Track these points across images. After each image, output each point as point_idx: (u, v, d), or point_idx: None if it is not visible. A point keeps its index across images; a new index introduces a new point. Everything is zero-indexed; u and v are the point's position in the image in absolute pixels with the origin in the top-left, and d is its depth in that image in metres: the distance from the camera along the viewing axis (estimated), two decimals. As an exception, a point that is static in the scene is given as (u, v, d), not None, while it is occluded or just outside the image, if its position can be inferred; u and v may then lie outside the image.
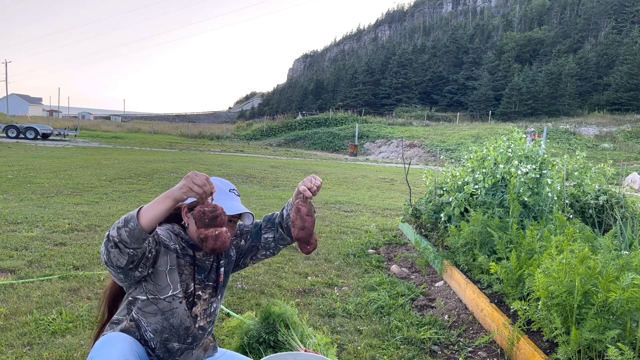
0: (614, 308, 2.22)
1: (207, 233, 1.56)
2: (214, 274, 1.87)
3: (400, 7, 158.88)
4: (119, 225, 1.50)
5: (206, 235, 1.56)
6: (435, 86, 72.17)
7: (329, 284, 4.05)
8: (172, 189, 1.53)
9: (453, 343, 2.98)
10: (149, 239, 1.56)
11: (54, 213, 6.17)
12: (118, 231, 1.49)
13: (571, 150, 26.07)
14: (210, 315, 1.88)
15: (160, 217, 1.52)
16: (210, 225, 1.56)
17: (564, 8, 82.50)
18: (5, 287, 3.44)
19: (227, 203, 1.76)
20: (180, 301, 1.74)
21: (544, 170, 4.31)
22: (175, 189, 1.52)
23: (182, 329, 1.77)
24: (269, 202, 8.43)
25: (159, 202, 1.51)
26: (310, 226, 1.75)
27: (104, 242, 1.54)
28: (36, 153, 16.36)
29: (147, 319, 1.73)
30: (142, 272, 1.62)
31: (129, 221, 1.49)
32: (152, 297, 1.71)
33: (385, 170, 19.82)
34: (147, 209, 1.51)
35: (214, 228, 1.56)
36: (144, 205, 1.54)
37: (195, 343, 1.85)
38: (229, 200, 1.78)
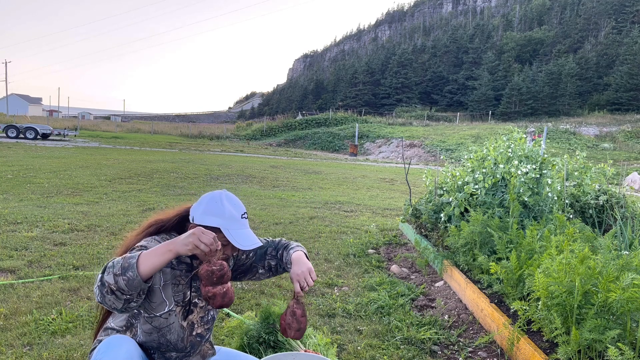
0: (614, 308, 2.22)
1: (215, 291, 1.57)
2: None
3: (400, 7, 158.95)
4: (116, 272, 1.45)
5: (214, 294, 1.57)
6: (435, 86, 72.18)
7: (329, 284, 4.05)
8: (176, 243, 1.51)
9: (453, 343, 2.98)
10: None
11: (53, 213, 6.17)
12: (115, 278, 1.45)
13: (571, 150, 26.07)
14: (207, 322, 1.87)
15: (160, 268, 1.50)
16: (218, 284, 1.57)
17: (564, 8, 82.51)
18: (5, 287, 3.44)
19: (242, 233, 1.72)
20: (176, 314, 1.73)
21: (544, 170, 4.31)
22: (180, 243, 1.50)
23: (179, 341, 1.76)
24: (268, 202, 8.43)
25: (160, 254, 1.49)
26: (305, 326, 1.80)
27: (97, 286, 1.48)
28: (36, 153, 16.35)
29: (144, 338, 1.71)
30: (138, 302, 1.56)
31: (126, 269, 1.45)
32: (147, 316, 1.70)
33: (385, 170, 19.82)
34: (146, 259, 1.48)
35: (222, 285, 1.58)
36: (141, 252, 1.50)
37: (193, 350, 1.84)
38: (242, 229, 1.73)
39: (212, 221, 1.68)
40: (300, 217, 7.10)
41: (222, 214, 1.69)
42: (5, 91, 77.19)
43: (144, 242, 1.67)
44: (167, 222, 1.79)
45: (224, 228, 1.68)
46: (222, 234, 1.68)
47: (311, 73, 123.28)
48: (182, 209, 1.82)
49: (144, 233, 1.77)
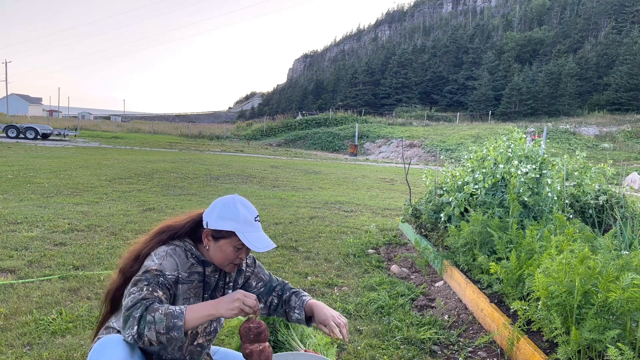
0: (614, 308, 2.22)
1: (252, 348, 1.62)
2: (219, 293, 1.86)
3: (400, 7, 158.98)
4: (159, 330, 1.48)
5: (251, 351, 1.62)
6: (435, 86, 72.18)
7: (329, 284, 4.05)
8: (220, 307, 1.55)
9: (453, 343, 2.98)
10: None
11: (54, 213, 6.17)
12: (157, 336, 1.48)
13: (571, 150, 26.07)
14: (210, 333, 1.87)
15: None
16: (255, 341, 1.62)
17: (564, 8, 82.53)
18: (5, 287, 3.44)
19: (256, 236, 1.73)
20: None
21: (544, 170, 4.31)
22: (224, 308, 1.54)
23: (178, 350, 1.77)
24: (269, 202, 8.43)
25: (204, 317, 1.54)
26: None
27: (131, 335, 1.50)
28: (36, 153, 16.35)
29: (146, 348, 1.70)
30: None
31: (171, 329, 1.48)
32: None
33: (385, 170, 19.82)
34: (191, 321, 1.52)
35: (259, 343, 1.63)
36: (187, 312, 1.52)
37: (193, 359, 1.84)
38: (255, 232, 1.74)
39: (227, 225, 1.70)
40: (300, 217, 7.10)
41: (236, 218, 1.71)
42: (5, 91, 77.25)
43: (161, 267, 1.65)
44: (180, 229, 1.79)
45: (238, 231, 1.69)
46: (236, 237, 1.70)
47: (311, 73, 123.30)
48: (193, 214, 1.83)
49: (155, 240, 1.77)
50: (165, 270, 1.66)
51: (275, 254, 4.91)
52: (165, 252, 1.71)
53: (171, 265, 1.68)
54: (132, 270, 1.73)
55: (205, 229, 1.74)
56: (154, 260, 1.68)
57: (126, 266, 1.76)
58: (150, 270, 1.64)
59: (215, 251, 1.74)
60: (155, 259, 1.68)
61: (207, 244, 1.76)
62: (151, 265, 1.65)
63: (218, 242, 1.73)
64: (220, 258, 1.75)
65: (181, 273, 1.70)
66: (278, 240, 5.51)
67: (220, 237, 1.72)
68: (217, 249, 1.74)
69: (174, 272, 1.68)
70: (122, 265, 1.79)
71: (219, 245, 1.73)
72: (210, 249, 1.75)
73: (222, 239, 1.73)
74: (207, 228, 1.73)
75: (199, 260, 1.77)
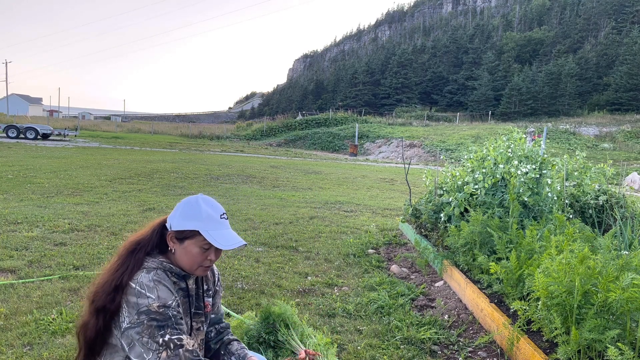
0: (614, 308, 2.22)
1: None
2: (201, 302, 1.80)
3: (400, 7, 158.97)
4: None
5: None
6: (435, 86, 72.18)
7: (329, 284, 4.05)
8: None
9: (453, 343, 2.98)
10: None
11: (54, 213, 6.17)
12: None
13: (571, 150, 26.06)
14: (202, 341, 1.83)
15: None
16: None
17: (564, 8, 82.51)
18: (5, 287, 3.44)
19: (222, 234, 1.66)
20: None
21: (543, 170, 4.31)
22: None
23: None
24: (268, 202, 8.43)
25: None
26: None
27: None
28: (36, 153, 16.35)
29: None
30: None
31: None
32: None
33: (385, 170, 19.82)
34: None
35: None
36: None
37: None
38: (221, 229, 1.67)
39: (190, 225, 1.63)
40: (300, 217, 7.10)
41: (198, 217, 1.64)
42: (5, 91, 77.21)
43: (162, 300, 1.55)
44: (149, 242, 1.69)
45: (202, 230, 1.62)
46: (201, 236, 1.62)
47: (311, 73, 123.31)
48: (155, 222, 1.75)
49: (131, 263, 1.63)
50: (167, 300, 1.56)
51: (275, 254, 4.91)
52: (151, 280, 1.58)
53: (167, 293, 1.58)
54: (113, 304, 1.56)
55: (169, 232, 1.66)
56: (147, 295, 1.54)
57: (105, 301, 1.58)
58: (150, 309, 1.53)
59: (181, 254, 1.66)
60: (148, 293, 1.55)
61: (172, 247, 1.67)
62: (150, 303, 1.53)
63: (183, 244, 1.65)
64: (187, 261, 1.66)
65: (175, 296, 1.62)
66: (278, 240, 5.51)
67: (184, 237, 1.64)
68: (183, 251, 1.65)
69: (172, 297, 1.59)
70: (92, 295, 1.61)
71: (185, 247, 1.65)
72: (177, 252, 1.66)
73: (186, 240, 1.64)
74: (170, 230, 1.66)
75: (179, 276, 1.68)
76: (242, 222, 6.43)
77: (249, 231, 5.90)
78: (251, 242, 5.33)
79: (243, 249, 4.97)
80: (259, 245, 5.22)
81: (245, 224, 6.36)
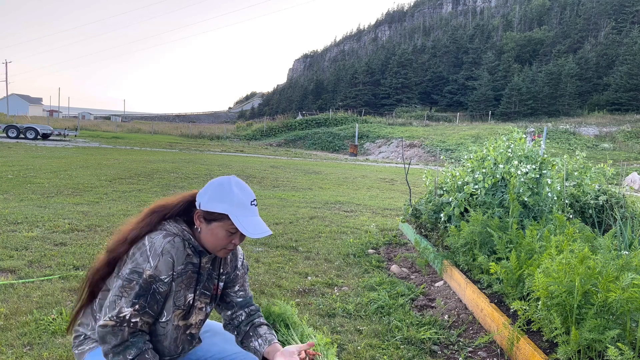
0: (614, 308, 2.22)
1: None
2: (211, 284, 1.79)
3: (400, 7, 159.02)
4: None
5: None
6: (435, 86, 72.19)
7: (329, 284, 4.05)
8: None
9: (453, 343, 2.98)
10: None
11: (54, 213, 6.17)
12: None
13: (571, 150, 26.07)
14: (202, 321, 1.83)
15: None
16: None
17: (564, 8, 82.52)
18: (5, 287, 3.44)
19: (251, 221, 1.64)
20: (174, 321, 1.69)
21: (543, 170, 4.31)
22: None
23: (172, 342, 1.72)
24: (269, 202, 8.43)
25: None
26: None
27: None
28: (36, 153, 16.35)
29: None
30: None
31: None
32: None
33: (385, 170, 19.82)
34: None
35: None
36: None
37: (184, 351, 1.80)
38: (250, 216, 1.65)
39: (219, 207, 1.61)
40: (300, 217, 7.10)
41: (230, 200, 1.61)
42: (5, 91, 77.16)
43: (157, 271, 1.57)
44: (172, 209, 1.70)
45: (232, 215, 1.60)
46: (229, 220, 1.61)
47: (311, 73, 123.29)
48: (187, 194, 1.74)
49: (145, 221, 1.67)
50: (161, 274, 1.57)
51: (275, 254, 4.92)
52: (163, 248, 1.58)
53: (167, 266, 1.58)
54: (120, 251, 1.64)
55: (197, 210, 1.65)
56: (149, 260, 1.56)
57: (114, 247, 1.66)
58: (142, 274, 1.55)
59: (207, 234, 1.66)
60: (151, 258, 1.56)
61: (198, 225, 1.67)
62: (145, 268, 1.55)
63: (210, 225, 1.64)
64: (212, 242, 1.66)
65: (176, 269, 1.61)
66: (278, 240, 5.51)
67: (213, 219, 1.63)
68: (209, 232, 1.65)
69: (169, 272, 1.59)
70: (110, 245, 1.68)
71: (211, 228, 1.64)
72: (202, 231, 1.66)
73: (214, 222, 1.63)
74: (199, 209, 1.64)
75: (196, 250, 1.68)
76: (242, 222, 6.43)
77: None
78: (251, 242, 5.33)
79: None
80: (259, 245, 5.22)
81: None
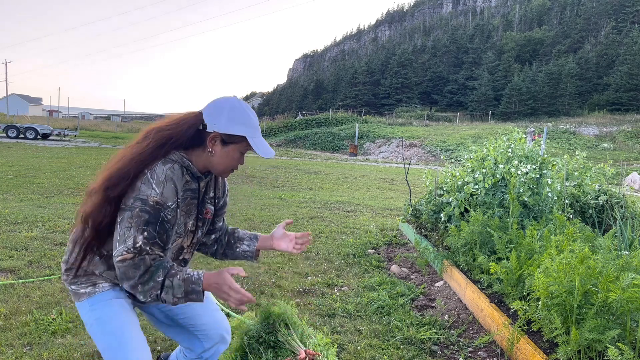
0: (614, 308, 2.22)
1: None
2: (204, 208, 1.79)
3: (400, 7, 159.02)
4: (177, 295, 1.52)
5: None
6: (435, 86, 72.19)
7: (329, 284, 4.05)
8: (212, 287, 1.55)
9: (453, 343, 2.98)
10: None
11: (54, 213, 6.17)
12: (174, 299, 1.53)
13: (571, 150, 26.07)
14: (194, 245, 1.82)
15: None
16: None
17: (564, 8, 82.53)
18: (5, 287, 3.44)
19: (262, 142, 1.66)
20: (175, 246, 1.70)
21: (544, 170, 4.31)
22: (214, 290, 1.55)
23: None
24: (268, 202, 8.43)
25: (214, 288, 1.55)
26: None
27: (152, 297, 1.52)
28: (36, 153, 16.35)
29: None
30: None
31: (189, 293, 1.52)
32: None
33: (385, 170, 19.82)
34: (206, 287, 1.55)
35: None
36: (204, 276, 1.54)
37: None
38: (261, 137, 1.67)
39: (238, 130, 1.61)
40: (300, 217, 7.10)
41: (247, 122, 1.62)
42: (5, 91, 77.22)
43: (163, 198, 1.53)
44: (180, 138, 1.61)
45: (249, 137, 1.62)
46: (245, 142, 1.63)
47: (311, 73, 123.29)
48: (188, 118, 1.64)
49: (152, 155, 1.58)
50: (167, 201, 1.54)
51: (275, 254, 4.91)
52: (165, 175, 1.55)
53: (172, 193, 1.56)
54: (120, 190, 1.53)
55: (213, 133, 1.61)
56: (153, 187, 1.52)
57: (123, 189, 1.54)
58: (148, 201, 1.50)
59: (221, 156, 1.65)
60: (155, 185, 1.52)
61: (212, 148, 1.63)
62: (151, 195, 1.51)
63: (227, 147, 1.63)
64: (225, 163, 1.66)
65: (179, 196, 1.60)
66: (278, 240, 5.51)
67: (231, 142, 1.63)
68: (225, 154, 1.64)
69: (174, 199, 1.57)
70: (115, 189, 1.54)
71: (227, 150, 1.64)
72: (216, 154, 1.64)
73: (232, 144, 1.63)
74: (216, 132, 1.61)
75: (194, 176, 1.67)
76: (242, 222, 6.43)
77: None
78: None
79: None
80: (259, 245, 5.22)
81: (245, 224, 6.36)
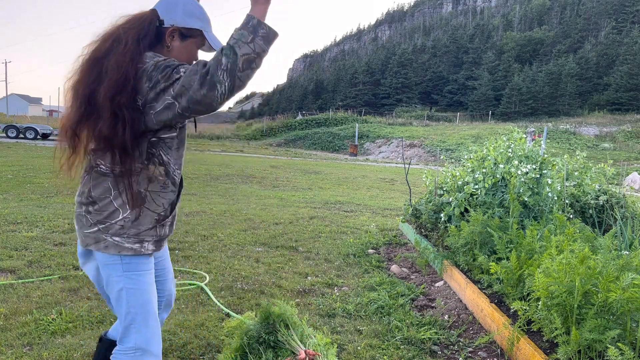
0: (614, 308, 2.22)
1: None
2: None
3: (400, 7, 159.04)
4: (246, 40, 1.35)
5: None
6: (435, 86, 72.15)
7: (329, 284, 4.05)
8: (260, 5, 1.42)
9: (453, 343, 2.98)
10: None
11: (54, 213, 6.16)
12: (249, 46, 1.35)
13: (571, 150, 26.07)
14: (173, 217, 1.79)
15: None
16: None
17: (564, 8, 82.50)
18: (5, 287, 3.44)
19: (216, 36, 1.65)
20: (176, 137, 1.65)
21: (544, 170, 4.31)
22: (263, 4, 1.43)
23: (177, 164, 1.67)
24: (268, 202, 8.43)
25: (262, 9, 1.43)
26: None
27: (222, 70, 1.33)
28: (36, 153, 16.35)
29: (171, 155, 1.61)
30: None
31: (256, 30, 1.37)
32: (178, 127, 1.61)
33: (385, 170, 19.82)
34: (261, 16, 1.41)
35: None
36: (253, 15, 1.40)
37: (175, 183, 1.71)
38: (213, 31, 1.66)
39: (196, 24, 1.59)
40: (300, 217, 7.10)
41: (202, 16, 1.61)
42: (5, 91, 77.23)
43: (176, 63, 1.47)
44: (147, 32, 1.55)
45: (205, 31, 1.61)
46: (202, 37, 1.61)
47: (311, 73, 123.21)
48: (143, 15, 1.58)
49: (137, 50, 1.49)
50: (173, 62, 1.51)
51: (275, 254, 4.92)
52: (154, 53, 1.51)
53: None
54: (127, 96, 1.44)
55: (171, 27, 1.57)
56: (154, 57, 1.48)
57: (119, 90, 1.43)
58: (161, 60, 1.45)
59: (180, 51, 1.60)
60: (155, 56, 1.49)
61: (170, 43, 1.59)
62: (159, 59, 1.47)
63: (185, 41, 1.60)
64: (183, 59, 1.60)
65: None
66: (278, 240, 5.50)
67: (190, 35, 1.60)
68: (183, 49, 1.61)
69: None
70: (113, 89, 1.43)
71: (185, 45, 1.61)
72: (174, 49, 1.60)
73: (190, 38, 1.60)
74: (175, 26, 1.57)
75: None
76: (242, 222, 6.42)
77: (249, 231, 5.90)
78: (251, 242, 5.33)
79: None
80: (259, 245, 5.22)
81: (245, 224, 6.35)
